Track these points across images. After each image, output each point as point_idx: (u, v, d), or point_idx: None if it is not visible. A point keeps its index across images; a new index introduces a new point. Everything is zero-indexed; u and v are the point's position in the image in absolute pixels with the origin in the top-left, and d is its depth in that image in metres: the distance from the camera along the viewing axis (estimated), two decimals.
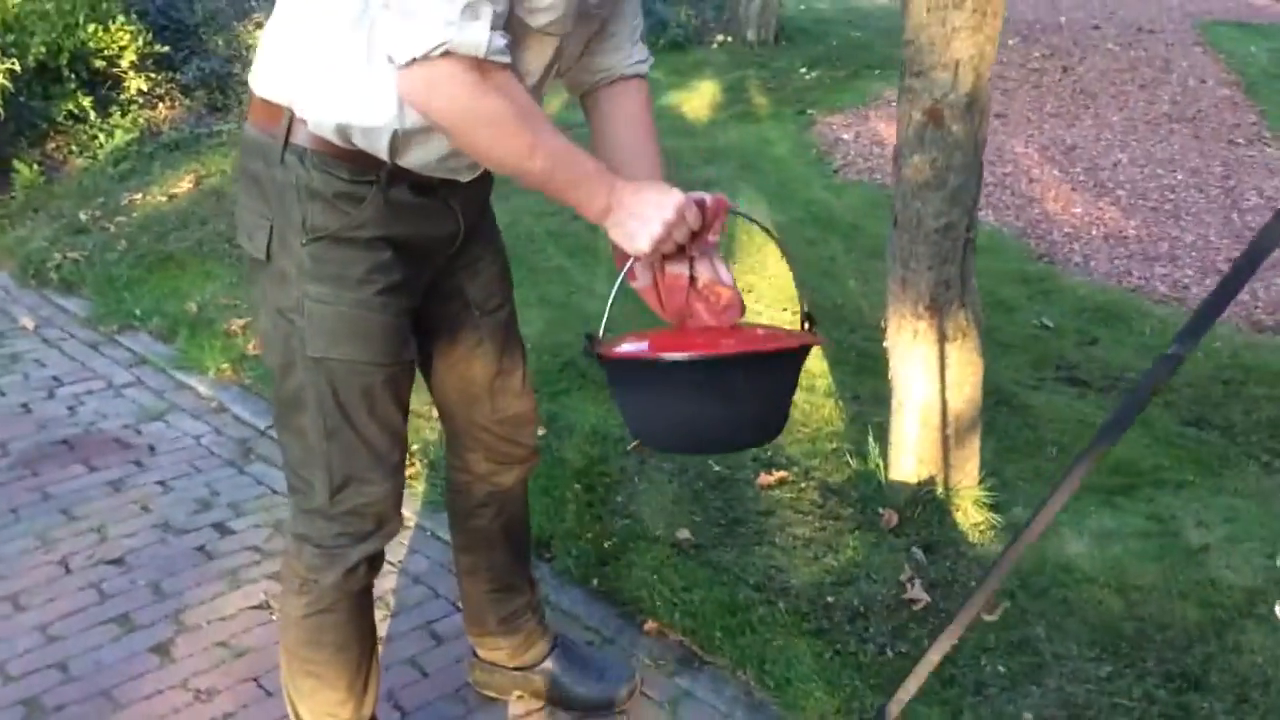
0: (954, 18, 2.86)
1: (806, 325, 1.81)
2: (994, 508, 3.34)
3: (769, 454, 3.73)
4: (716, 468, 3.63)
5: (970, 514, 3.32)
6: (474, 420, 2.18)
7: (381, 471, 1.92)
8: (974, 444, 3.37)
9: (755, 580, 3.00)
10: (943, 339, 3.21)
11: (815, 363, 4.57)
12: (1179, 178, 7.50)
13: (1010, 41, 12.41)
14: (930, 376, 3.24)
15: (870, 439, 3.63)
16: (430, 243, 1.90)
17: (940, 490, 3.34)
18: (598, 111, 1.96)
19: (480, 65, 1.53)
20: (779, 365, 1.74)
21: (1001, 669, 2.67)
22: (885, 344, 3.35)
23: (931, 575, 3.03)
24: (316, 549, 1.95)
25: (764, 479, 3.53)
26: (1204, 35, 12.77)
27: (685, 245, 1.70)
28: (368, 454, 1.89)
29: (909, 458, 3.33)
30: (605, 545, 3.16)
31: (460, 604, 2.53)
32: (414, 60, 1.50)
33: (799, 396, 4.23)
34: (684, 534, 3.21)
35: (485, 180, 1.96)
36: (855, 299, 5.32)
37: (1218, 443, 3.95)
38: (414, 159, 1.75)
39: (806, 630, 2.80)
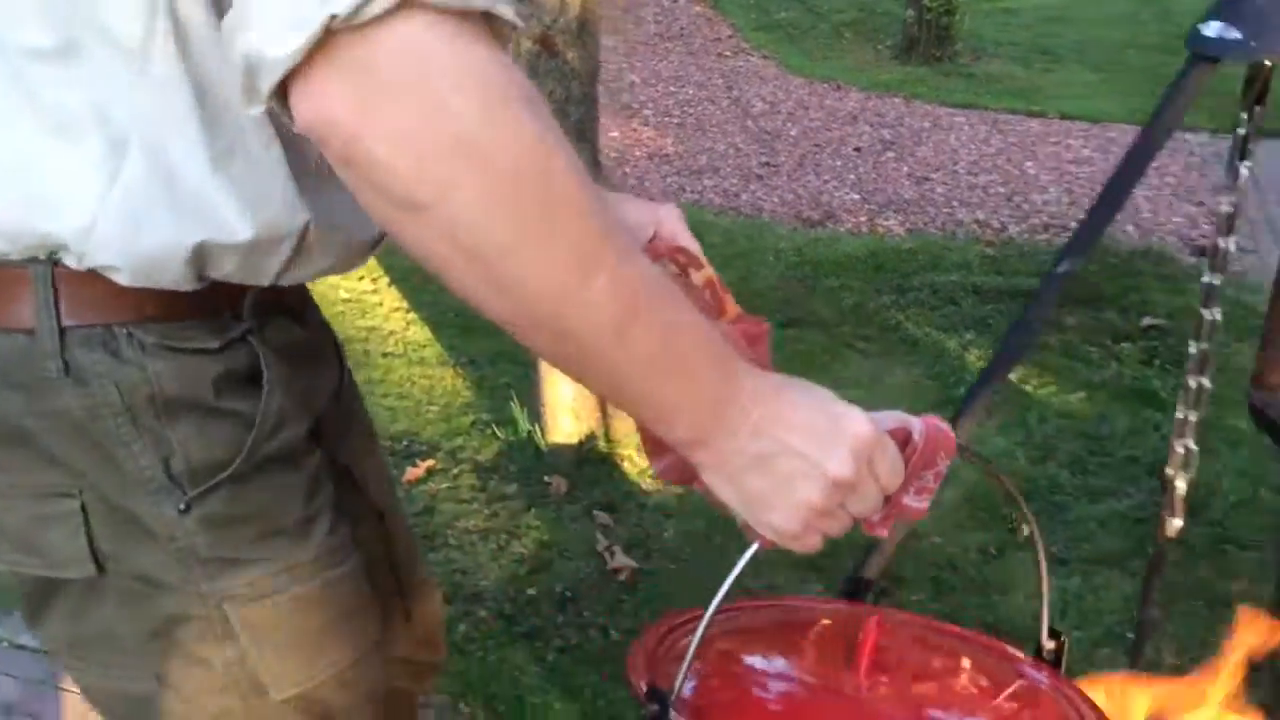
0: None
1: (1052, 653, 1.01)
2: None
3: (405, 444, 3.31)
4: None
5: (636, 461, 3.16)
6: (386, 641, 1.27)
7: None
8: None
9: (443, 592, 2.61)
10: None
11: (416, 330, 4.18)
12: (690, 92, 7.87)
13: None
14: None
15: (512, 404, 3.33)
16: (321, 400, 1.05)
17: (604, 444, 3.15)
18: None
19: (487, 28, 0.67)
20: None
21: None
22: None
23: (624, 537, 2.84)
24: None
25: (411, 473, 3.12)
26: None
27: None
28: None
29: (566, 417, 3.09)
30: None
31: None
32: (325, 34, 0.62)
33: (413, 371, 3.83)
34: None
35: None
36: None
37: (818, 339, 4.13)
38: (318, 263, 0.91)
39: (519, 634, 2.48)
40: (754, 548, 0.79)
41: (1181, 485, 1.26)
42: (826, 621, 1.01)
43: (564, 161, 0.67)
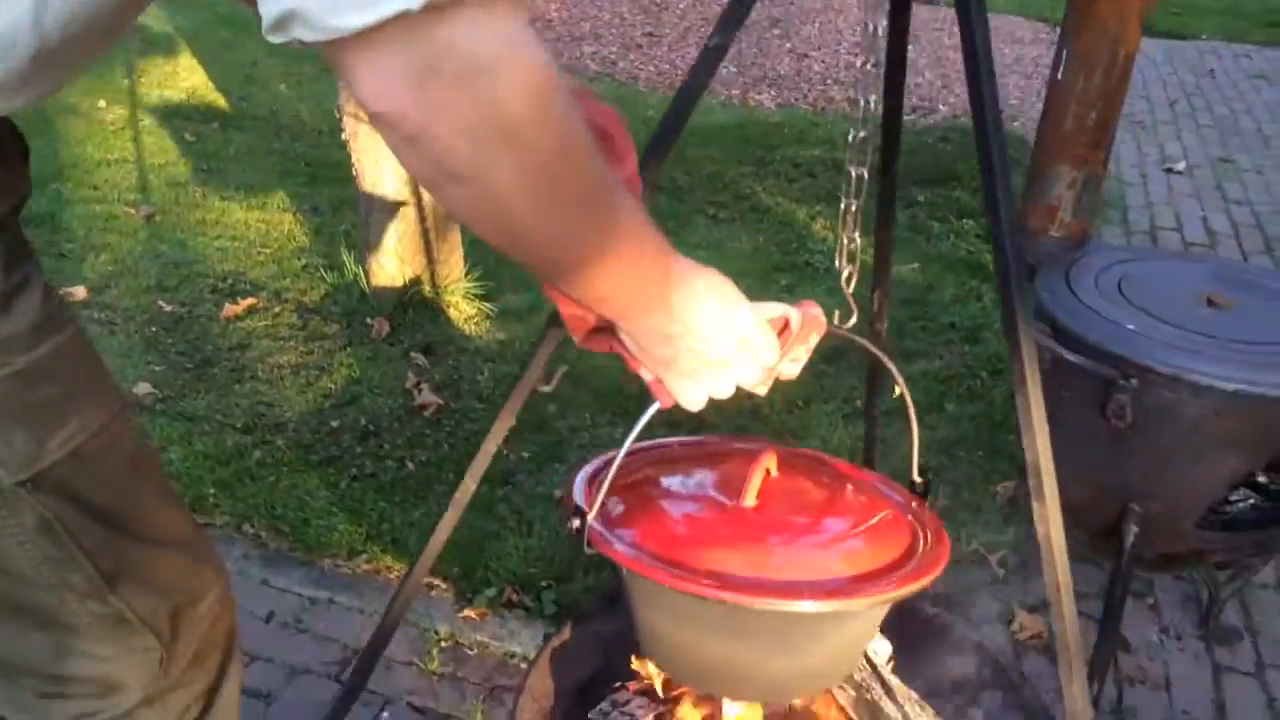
0: None
1: (922, 487, 1.21)
2: (484, 297, 3.20)
3: (229, 283, 3.26)
4: (168, 307, 3.09)
5: (463, 308, 3.15)
6: None
7: (210, 569, 1.15)
8: (455, 236, 3.18)
9: (243, 423, 2.61)
10: None
11: (261, 175, 4.07)
12: None
13: None
14: (400, 170, 2.95)
15: (343, 249, 3.29)
16: (19, 188, 0.96)
17: (428, 289, 3.13)
18: None
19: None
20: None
21: (525, 454, 2.58)
22: (345, 136, 2.99)
23: (437, 377, 2.84)
24: None
25: (230, 310, 3.08)
26: None
27: None
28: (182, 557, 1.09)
29: (390, 259, 3.06)
30: None
31: None
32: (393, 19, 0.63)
33: (251, 215, 3.75)
34: (144, 388, 2.70)
35: None
36: (290, 104, 4.81)
37: (668, 203, 4.13)
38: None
39: (315, 462, 2.49)
40: (655, 405, 0.96)
41: (846, 273, 1.29)
42: (731, 455, 1.16)
43: (585, 142, 0.74)
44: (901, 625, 1.51)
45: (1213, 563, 1.97)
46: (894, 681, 1.43)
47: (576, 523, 1.00)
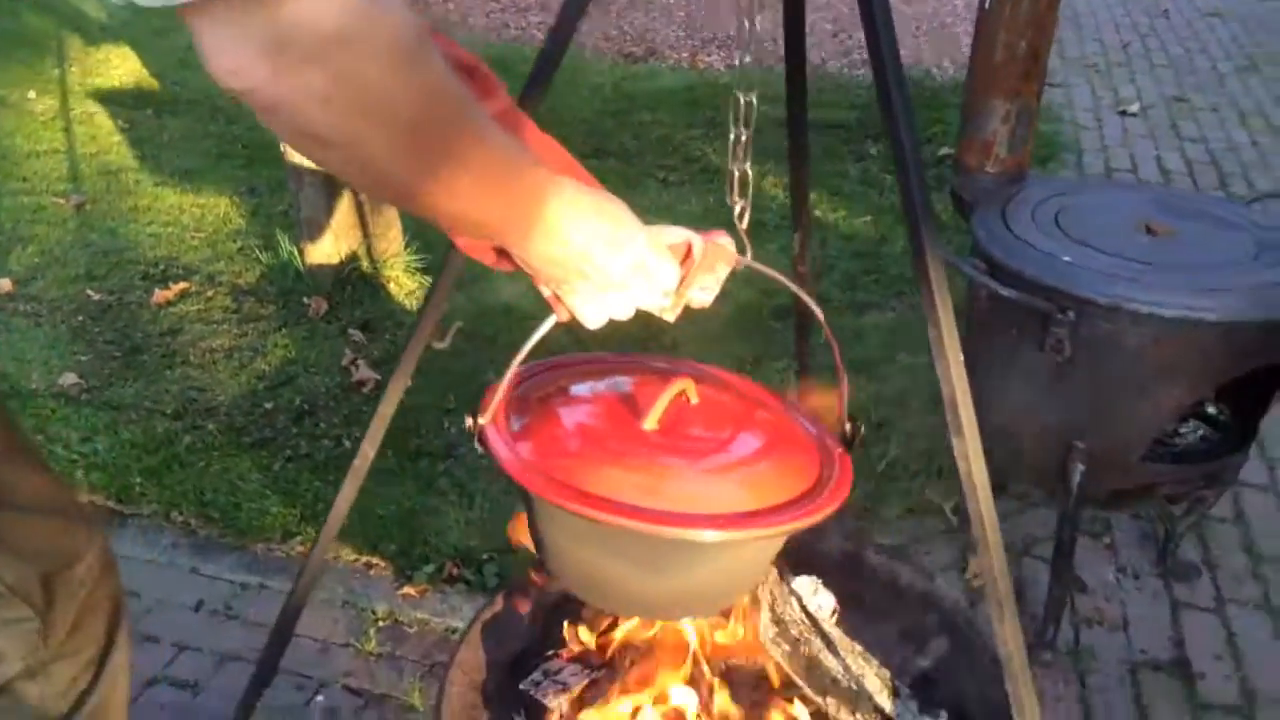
0: None
1: (850, 435, 1.13)
2: (425, 271, 3.12)
3: (161, 269, 3.16)
4: (97, 296, 3.00)
5: (402, 282, 3.07)
6: None
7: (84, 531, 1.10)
8: (392, 210, 3.09)
9: (173, 409, 2.53)
10: None
11: (196, 159, 3.97)
12: None
13: None
14: None
15: (278, 230, 3.20)
16: None
17: (366, 264, 3.04)
18: None
19: None
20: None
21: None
22: None
23: (375, 353, 2.77)
24: None
25: (159, 296, 2.98)
26: None
27: None
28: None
29: (325, 236, 2.97)
30: None
31: None
32: None
33: (184, 200, 3.65)
34: (69, 379, 2.60)
35: None
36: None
37: (617, 168, 4.05)
38: None
39: (247, 445, 2.41)
40: (552, 319, 0.95)
41: (739, 208, 1.23)
42: (654, 377, 1.11)
43: (450, 89, 0.73)
44: (847, 577, 1.47)
45: (1163, 496, 1.92)
46: (836, 634, 1.38)
47: (469, 421, 1.01)
